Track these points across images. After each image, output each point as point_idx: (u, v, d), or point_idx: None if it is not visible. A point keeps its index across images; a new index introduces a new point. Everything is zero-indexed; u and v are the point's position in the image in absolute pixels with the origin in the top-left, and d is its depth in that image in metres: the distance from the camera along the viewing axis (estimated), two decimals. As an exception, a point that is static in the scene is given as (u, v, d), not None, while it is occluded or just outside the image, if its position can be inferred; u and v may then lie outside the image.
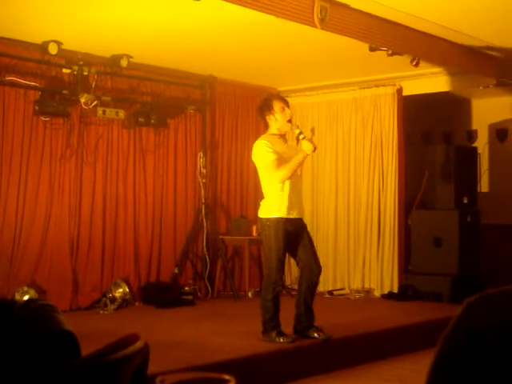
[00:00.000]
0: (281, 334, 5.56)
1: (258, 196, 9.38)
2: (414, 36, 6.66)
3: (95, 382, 1.55)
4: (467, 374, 0.97)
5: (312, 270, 5.65)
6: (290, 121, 5.67)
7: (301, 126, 9.29)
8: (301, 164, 5.55)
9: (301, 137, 5.47)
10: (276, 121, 5.61)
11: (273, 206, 5.54)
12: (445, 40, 6.94)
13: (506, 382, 0.94)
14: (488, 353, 0.96)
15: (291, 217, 5.56)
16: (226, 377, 0.80)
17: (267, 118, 5.64)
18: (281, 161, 5.47)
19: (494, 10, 6.07)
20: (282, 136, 5.67)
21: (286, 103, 5.68)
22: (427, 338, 5.46)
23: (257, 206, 9.35)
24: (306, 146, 5.43)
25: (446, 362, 1.00)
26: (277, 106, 5.60)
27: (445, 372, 1.00)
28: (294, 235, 5.60)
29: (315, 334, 5.62)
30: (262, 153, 5.53)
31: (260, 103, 5.83)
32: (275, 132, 5.65)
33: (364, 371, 5.62)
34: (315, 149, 5.48)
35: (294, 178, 5.61)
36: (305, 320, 5.67)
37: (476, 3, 5.90)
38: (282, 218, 5.51)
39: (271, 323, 5.57)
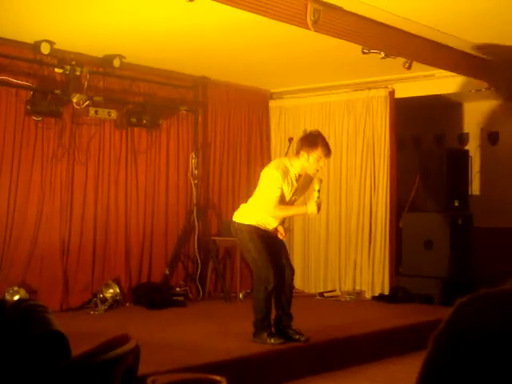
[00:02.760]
0: (272, 335, 5.56)
1: (250, 197, 9.39)
2: (407, 39, 6.68)
3: (86, 382, 1.54)
4: (458, 375, 0.97)
5: (286, 272, 5.73)
6: (318, 170, 5.66)
7: (293, 128, 9.43)
8: (295, 215, 5.67)
9: (315, 194, 5.48)
10: (307, 161, 5.54)
11: (252, 216, 5.63)
12: (437, 43, 6.95)
13: (497, 382, 0.94)
14: (479, 353, 0.96)
15: (263, 228, 5.69)
16: (217, 378, 0.80)
17: (302, 151, 5.55)
18: (282, 198, 5.54)
19: (486, 12, 6.09)
20: (300, 174, 5.66)
21: (329, 156, 5.62)
22: (418, 340, 5.47)
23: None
24: (311, 206, 5.49)
25: (437, 362, 1.00)
26: (318, 152, 5.50)
27: (435, 372, 1.00)
28: (268, 235, 5.70)
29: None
30: (271, 183, 5.54)
31: (308, 134, 5.69)
32: (297, 167, 5.60)
33: (355, 373, 5.63)
34: (318, 213, 5.59)
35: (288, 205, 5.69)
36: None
37: (468, 6, 5.92)
38: (254, 226, 5.62)
39: (263, 324, 5.58)
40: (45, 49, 6.95)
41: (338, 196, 9.12)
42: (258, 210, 5.62)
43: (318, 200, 5.48)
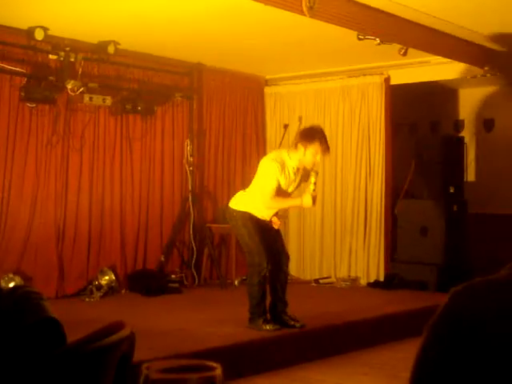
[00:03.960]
0: (268, 321, 5.58)
1: (246, 184, 9.37)
2: (402, 25, 6.66)
3: (80, 369, 1.54)
4: (453, 363, 0.97)
5: (282, 259, 5.75)
6: (315, 164, 5.65)
7: (288, 115, 9.42)
8: (290, 208, 5.64)
9: (311, 187, 5.48)
10: (303, 155, 5.53)
11: (248, 205, 5.62)
12: (432, 29, 6.94)
13: (492, 370, 0.94)
14: (473, 341, 0.96)
15: (260, 218, 5.68)
16: (213, 364, 0.80)
17: (299, 144, 5.54)
18: (278, 190, 5.52)
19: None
20: (298, 167, 5.64)
21: (327, 152, 5.62)
22: (413, 326, 5.49)
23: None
24: (306, 199, 5.47)
25: (432, 350, 1.00)
26: (316, 147, 5.50)
27: (430, 360, 1.00)
28: (263, 222, 5.69)
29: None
30: (268, 175, 5.53)
31: (308, 128, 5.73)
32: (295, 160, 5.58)
33: (351, 359, 5.65)
34: (314, 206, 5.57)
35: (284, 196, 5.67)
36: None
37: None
38: (249, 213, 5.62)
39: (258, 309, 5.59)
40: (39, 35, 6.91)
41: (333, 183, 9.12)
42: (254, 200, 5.62)
43: (314, 193, 5.47)
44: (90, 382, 1.57)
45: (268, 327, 5.54)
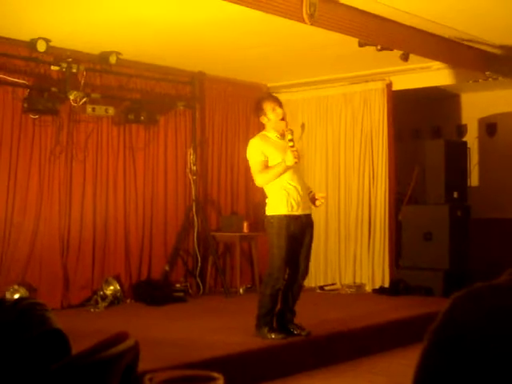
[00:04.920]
0: (273, 329, 5.57)
1: (249, 192, 9.40)
2: (403, 31, 6.67)
3: (86, 380, 1.54)
4: (454, 369, 0.97)
5: (300, 272, 5.67)
6: (283, 119, 5.66)
7: (291, 122, 9.41)
8: (281, 173, 5.50)
9: (289, 144, 5.45)
10: (269, 121, 5.64)
11: (276, 203, 5.54)
12: (434, 35, 6.95)
13: (494, 376, 0.94)
14: (475, 347, 0.96)
15: (295, 213, 5.53)
16: (215, 374, 0.80)
17: (260, 119, 5.70)
18: (266, 164, 5.49)
19: (483, 4, 6.08)
20: (280, 134, 5.66)
21: (278, 103, 5.68)
22: (418, 333, 5.47)
23: (248, 203, 9.40)
24: (288, 157, 5.41)
25: (433, 356, 1.00)
26: (267, 106, 5.63)
27: (432, 367, 1.00)
28: (298, 234, 5.57)
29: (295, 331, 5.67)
30: (251, 152, 5.60)
31: (254, 105, 5.89)
32: (271, 131, 5.66)
33: (356, 366, 5.64)
34: (297, 162, 5.44)
35: (295, 174, 5.57)
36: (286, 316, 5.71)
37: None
38: (285, 216, 5.49)
39: (265, 318, 5.58)
40: (41, 46, 6.94)
41: (336, 189, 9.12)
42: (273, 192, 5.55)
43: (293, 149, 5.41)
44: (95, 393, 1.57)
45: (273, 336, 5.53)
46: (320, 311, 7.16)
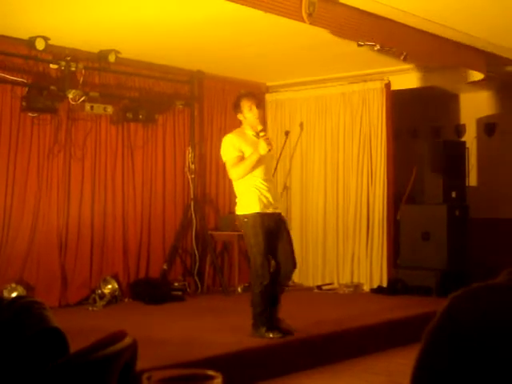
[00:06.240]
0: (271, 328, 5.57)
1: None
2: (402, 31, 6.67)
3: (84, 378, 1.54)
4: (452, 368, 0.97)
5: (288, 266, 5.70)
6: (258, 117, 5.74)
7: (290, 121, 9.43)
8: (255, 163, 5.52)
9: (261, 134, 5.54)
10: (245, 119, 5.73)
11: (248, 201, 5.58)
12: (433, 35, 6.95)
13: (490, 375, 0.94)
14: (472, 347, 0.96)
15: (267, 211, 5.59)
16: (213, 373, 0.80)
17: (238, 116, 5.80)
18: (241, 159, 5.53)
19: (481, 3, 6.08)
20: (256, 132, 5.70)
21: (255, 101, 5.76)
22: (416, 333, 5.47)
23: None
24: (261, 145, 5.48)
25: (431, 356, 1.00)
26: (245, 104, 5.71)
27: (430, 366, 1.00)
28: (274, 230, 5.63)
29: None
30: (225, 148, 5.64)
31: (233, 103, 5.95)
32: (248, 128, 5.74)
33: (353, 366, 5.64)
34: (270, 149, 5.51)
35: (266, 175, 5.64)
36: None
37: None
38: (258, 213, 5.54)
39: (261, 317, 5.58)
40: (40, 45, 6.93)
41: (335, 189, 9.12)
42: (244, 191, 5.60)
43: (265, 137, 5.52)
44: (92, 392, 1.57)
45: (271, 335, 5.53)
46: (317, 311, 7.16)
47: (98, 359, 1.53)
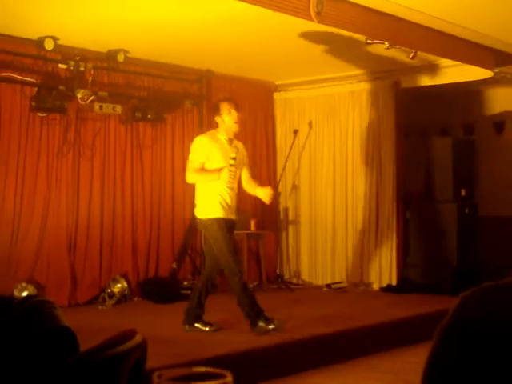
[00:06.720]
0: (267, 320, 5.57)
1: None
2: (411, 29, 6.65)
3: (94, 377, 1.55)
4: (463, 367, 0.97)
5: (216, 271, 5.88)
6: (236, 122, 5.77)
7: (298, 120, 9.42)
8: (209, 181, 5.65)
9: (231, 162, 5.58)
10: (223, 122, 5.78)
11: (210, 206, 5.67)
12: (441, 32, 6.92)
13: (501, 374, 0.94)
14: (483, 346, 0.96)
15: (226, 217, 5.69)
16: (223, 372, 0.80)
17: (216, 118, 5.84)
18: (202, 166, 5.66)
19: (490, 1, 6.06)
20: (230, 138, 5.77)
21: (234, 106, 5.80)
22: (426, 331, 5.46)
23: (255, 201, 9.39)
24: (223, 174, 5.57)
25: (442, 355, 1.00)
26: (224, 107, 5.76)
27: (441, 365, 1.00)
28: (230, 232, 5.73)
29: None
30: (194, 149, 5.76)
31: (212, 104, 6.07)
32: (222, 132, 5.79)
33: (362, 364, 5.63)
34: (230, 182, 5.62)
35: (231, 183, 5.69)
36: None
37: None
38: (221, 218, 5.65)
39: (254, 313, 5.57)
40: (49, 45, 6.95)
41: (344, 187, 9.11)
42: (207, 194, 5.68)
43: (232, 168, 5.56)
44: (103, 390, 1.57)
45: (271, 326, 5.52)
46: (326, 309, 7.16)
47: (108, 358, 1.53)
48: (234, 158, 5.58)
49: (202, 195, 5.71)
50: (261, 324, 5.56)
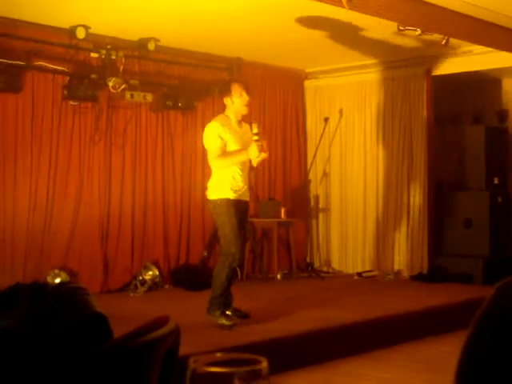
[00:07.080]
0: (225, 314, 5.52)
1: (287, 178, 9.40)
2: (443, 15, 6.57)
3: (127, 363, 1.56)
4: (499, 357, 0.97)
5: (242, 253, 5.86)
6: (246, 105, 5.74)
7: (329, 108, 9.38)
8: (239, 161, 5.56)
9: (254, 138, 5.47)
10: (233, 104, 5.73)
11: (221, 188, 5.58)
12: (474, 18, 6.82)
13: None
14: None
15: (238, 198, 5.63)
16: (259, 357, 0.80)
17: (225, 100, 5.78)
18: (224, 149, 5.53)
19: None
20: (238, 120, 5.73)
21: (246, 89, 5.75)
22: (458, 320, 5.43)
23: (285, 188, 9.39)
24: (252, 150, 5.46)
25: (478, 344, 1.00)
26: (236, 89, 5.71)
27: (477, 354, 0.99)
28: (241, 217, 5.68)
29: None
30: (208, 136, 5.60)
31: (223, 85, 5.98)
32: (231, 115, 5.73)
33: (395, 353, 5.61)
34: (259, 156, 5.50)
35: (242, 165, 5.66)
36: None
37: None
38: (231, 199, 5.56)
39: (219, 301, 5.53)
40: (80, 33, 6.99)
41: (375, 175, 9.06)
42: (220, 176, 5.59)
43: (258, 142, 5.44)
44: (136, 377, 1.59)
45: (225, 321, 5.46)
46: (357, 298, 7.14)
47: (141, 344, 1.54)
48: (257, 134, 5.49)
49: (214, 178, 5.66)
50: (217, 313, 5.49)
